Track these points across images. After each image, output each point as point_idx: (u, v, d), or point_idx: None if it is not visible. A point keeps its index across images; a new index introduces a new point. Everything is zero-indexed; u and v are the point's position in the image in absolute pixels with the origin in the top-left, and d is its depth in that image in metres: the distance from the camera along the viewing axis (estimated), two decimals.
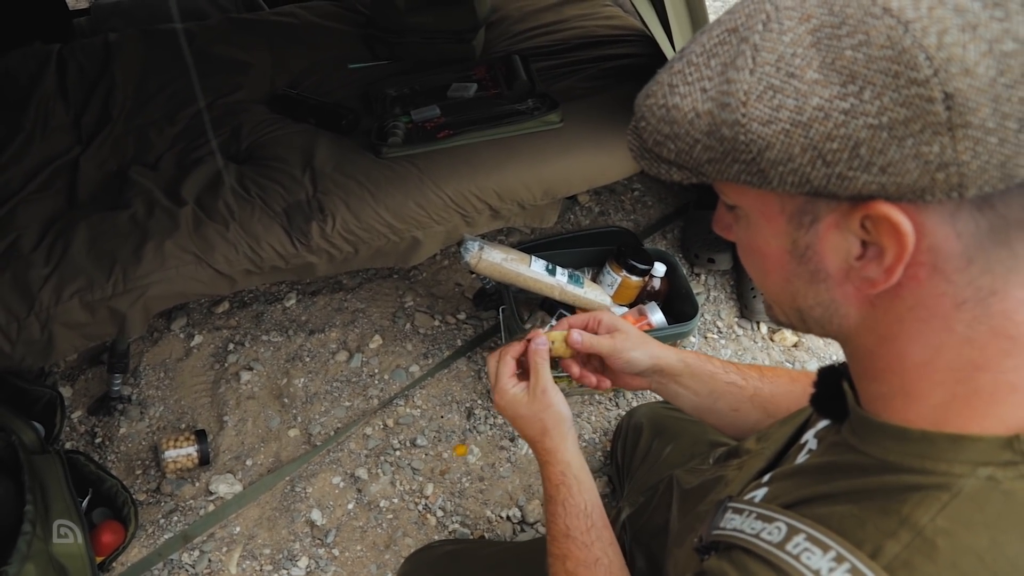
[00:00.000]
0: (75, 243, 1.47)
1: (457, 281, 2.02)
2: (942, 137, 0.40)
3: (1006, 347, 0.47)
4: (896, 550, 0.45)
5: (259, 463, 1.63)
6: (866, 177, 0.43)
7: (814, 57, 0.42)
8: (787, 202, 0.48)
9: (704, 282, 2.02)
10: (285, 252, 1.53)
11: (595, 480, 1.58)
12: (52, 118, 1.86)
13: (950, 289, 0.46)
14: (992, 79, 0.39)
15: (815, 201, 0.47)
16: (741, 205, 0.52)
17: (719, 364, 0.93)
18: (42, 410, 1.57)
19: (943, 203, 0.43)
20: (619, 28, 2.11)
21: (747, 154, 0.45)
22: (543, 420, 0.86)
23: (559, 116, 1.70)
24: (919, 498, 0.45)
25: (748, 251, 0.55)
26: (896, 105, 0.40)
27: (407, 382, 1.77)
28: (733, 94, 0.45)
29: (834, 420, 0.59)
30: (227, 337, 1.87)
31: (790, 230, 0.49)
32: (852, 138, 0.42)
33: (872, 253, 0.46)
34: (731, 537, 0.56)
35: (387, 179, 1.59)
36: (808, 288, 0.51)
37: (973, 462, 0.45)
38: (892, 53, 0.40)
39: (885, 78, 0.40)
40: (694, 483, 0.89)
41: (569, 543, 0.80)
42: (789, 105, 0.43)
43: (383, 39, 2.06)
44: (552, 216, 1.77)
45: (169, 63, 2.02)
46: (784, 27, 0.43)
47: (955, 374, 0.48)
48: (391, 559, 1.47)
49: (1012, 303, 0.46)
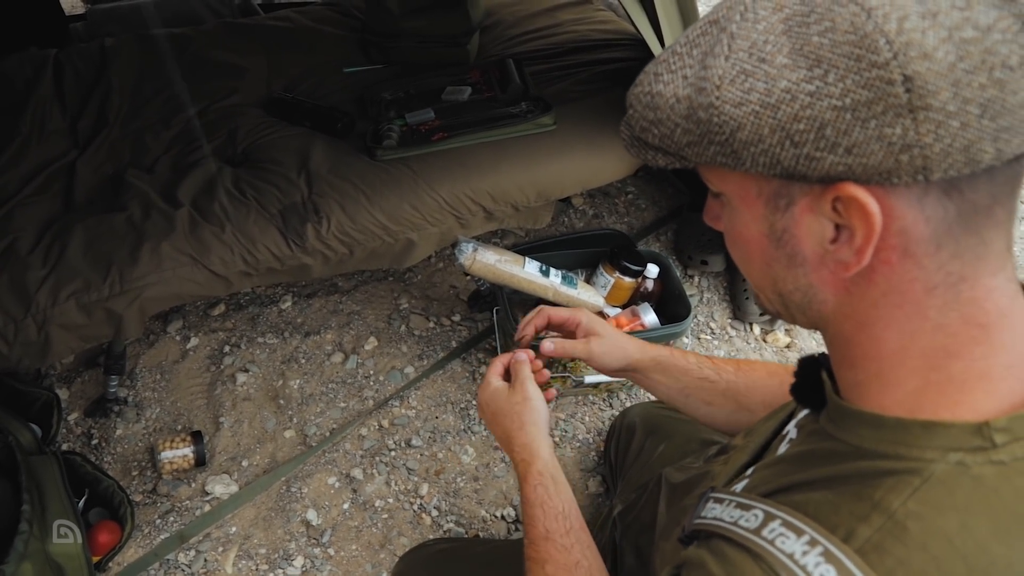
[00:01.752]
0: (72, 245, 1.48)
1: (452, 283, 2.03)
2: (904, 119, 0.42)
3: (976, 335, 0.48)
4: (868, 533, 0.46)
5: (255, 464, 1.64)
6: (833, 158, 0.44)
7: (784, 44, 0.45)
8: (763, 185, 0.50)
9: (697, 284, 2.03)
10: (281, 254, 1.54)
11: (589, 479, 1.60)
12: (49, 122, 1.87)
13: (921, 274, 0.47)
14: (951, 64, 0.41)
15: (789, 184, 0.49)
16: (723, 191, 0.54)
17: (693, 360, 0.96)
18: (39, 412, 1.58)
19: (910, 186, 0.44)
20: (612, 32, 2.13)
21: (720, 135, 0.48)
22: (520, 414, 0.87)
23: (553, 119, 1.72)
24: (891, 483, 0.47)
25: (732, 238, 0.57)
26: (858, 87, 0.42)
27: (402, 383, 1.78)
28: (709, 79, 0.47)
29: (813, 409, 0.60)
30: (223, 339, 1.88)
31: (767, 214, 0.51)
32: (818, 119, 0.44)
33: (845, 236, 0.48)
34: (710, 526, 0.57)
35: (382, 181, 1.61)
36: (787, 273, 0.53)
37: (943, 448, 0.47)
38: (855, 38, 0.42)
39: (848, 61, 0.42)
40: (682, 479, 0.90)
41: (549, 546, 0.79)
42: (759, 88, 0.45)
43: (378, 43, 2.07)
44: (545, 217, 1.79)
45: (165, 68, 2.03)
46: (759, 16, 0.46)
47: (928, 361, 0.49)
48: (386, 558, 1.48)
49: (981, 291, 0.48)
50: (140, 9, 2.51)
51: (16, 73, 2.00)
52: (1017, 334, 0.49)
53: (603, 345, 0.95)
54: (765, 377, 0.93)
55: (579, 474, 1.62)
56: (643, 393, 1.77)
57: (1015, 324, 0.49)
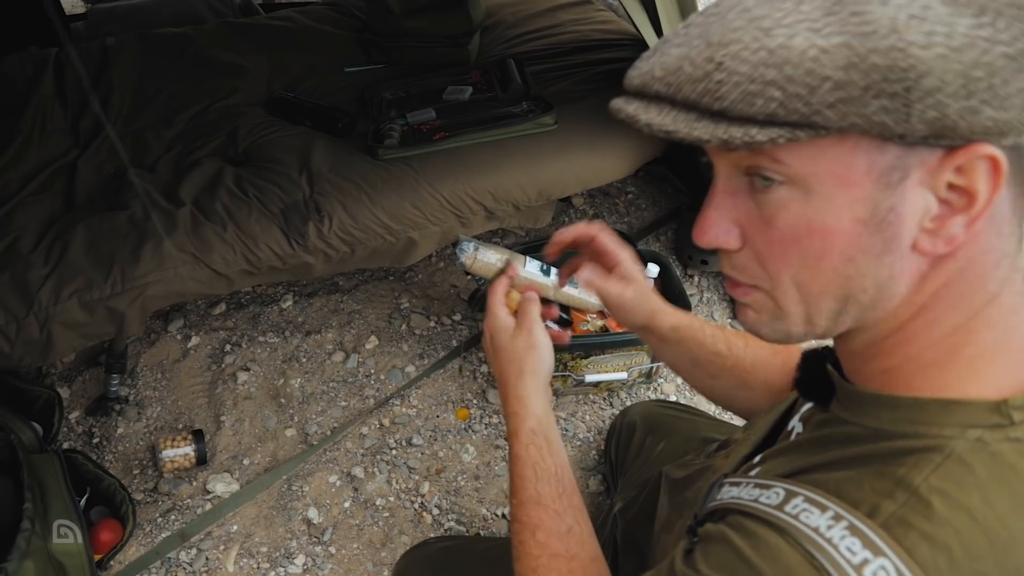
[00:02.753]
0: (73, 244, 1.48)
1: (452, 283, 2.03)
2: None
3: (1017, 303, 0.49)
4: (892, 508, 0.46)
5: (256, 462, 1.64)
6: (989, 111, 0.42)
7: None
8: (877, 160, 0.45)
9: (697, 283, 2.04)
10: (282, 252, 1.54)
11: (590, 478, 1.60)
12: (50, 121, 1.87)
13: (998, 243, 0.48)
14: None
15: (908, 154, 0.45)
16: (807, 175, 0.47)
17: (709, 333, 0.91)
18: (40, 410, 1.58)
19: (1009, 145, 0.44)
20: (613, 32, 2.14)
21: (901, 83, 0.42)
22: (522, 360, 0.81)
23: (553, 119, 1.72)
24: (914, 460, 0.47)
25: (798, 236, 0.49)
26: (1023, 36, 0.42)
27: (403, 382, 1.79)
28: (875, 23, 0.42)
29: (818, 403, 0.60)
30: (224, 338, 1.88)
31: (874, 192, 0.46)
32: (992, 66, 0.42)
33: (946, 212, 0.46)
34: (729, 504, 0.57)
35: (383, 180, 1.61)
36: (872, 264, 0.49)
37: (962, 424, 0.47)
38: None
39: (1014, 9, 0.42)
40: (683, 474, 0.91)
41: (540, 511, 0.74)
42: (940, 31, 0.42)
43: (379, 43, 2.08)
44: (546, 217, 1.79)
45: (166, 67, 2.03)
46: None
47: (968, 336, 0.50)
48: (387, 557, 1.48)
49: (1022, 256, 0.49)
50: (141, 9, 2.52)
51: (17, 73, 2.00)
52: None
53: (637, 296, 0.86)
54: (770, 355, 0.93)
55: (580, 473, 1.62)
56: (643, 392, 1.77)
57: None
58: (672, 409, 1.38)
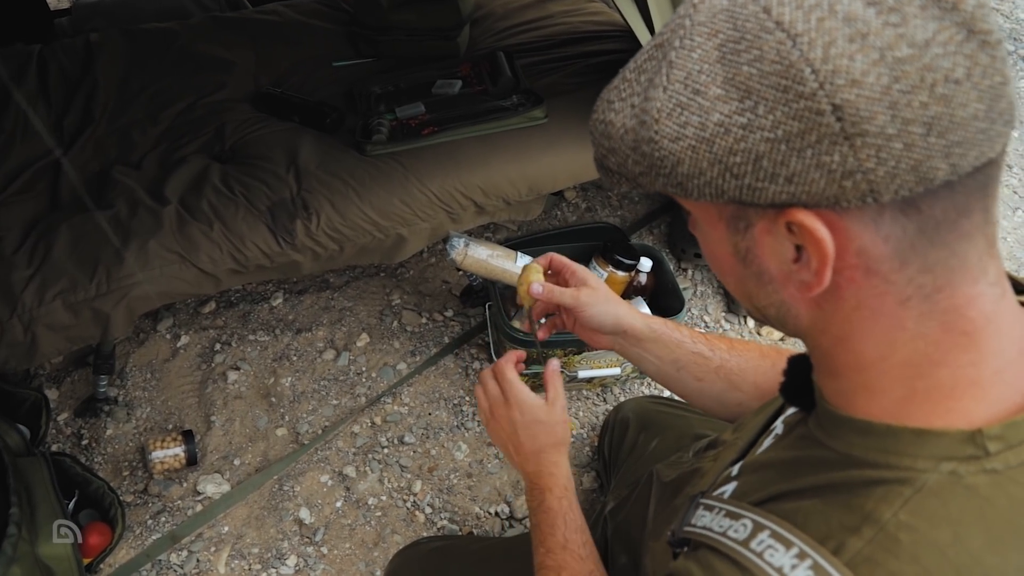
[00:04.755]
0: (57, 244, 1.46)
1: (444, 278, 2.02)
2: (840, 146, 0.41)
3: (961, 342, 0.47)
4: (859, 546, 0.45)
5: (247, 463, 1.62)
6: (774, 187, 0.43)
7: (719, 73, 0.43)
8: (722, 209, 0.49)
9: (691, 277, 2.02)
10: (270, 250, 1.52)
11: (584, 475, 1.59)
12: (33, 119, 1.84)
13: (891, 288, 0.46)
14: (885, 86, 0.39)
15: (744, 208, 0.47)
16: (691, 211, 0.53)
17: (687, 333, 0.92)
18: (27, 413, 1.57)
19: (862, 208, 0.43)
20: (604, 24, 2.12)
21: (664, 168, 0.47)
22: (560, 434, 0.88)
23: (544, 112, 1.71)
24: (882, 493, 0.46)
25: (706, 254, 0.56)
26: (788, 119, 0.41)
27: (394, 380, 1.77)
28: (649, 111, 0.46)
29: (802, 409, 0.59)
30: (214, 337, 1.86)
31: (729, 235, 0.50)
32: (752, 151, 0.43)
33: (805, 257, 0.46)
34: (700, 535, 0.56)
35: (372, 177, 1.59)
36: (758, 290, 0.52)
37: (936, 457, 0.46)
38: (781, 68, 0.41)
39: (775, 92, 0.41)
40: (672, 476, 0.90)
41: (567, 555, 0.80)
42: (694, 122, 0.44)
43: (367, 37, 2.05)
44: (537, 209, 1.78)
45: (151, 63, 2.01)
46: (695, 43, 0.44)
47: (913, 369, 0.48)
48: (380, 556, 1.47)
49: (961, 299, 0.46)
50: (126, 4, 2.48)
51: None
52: (1004, 338, 0.47)
53: (593, 297, 0.90)
54: (757, 358, 0.92)
55: (573, 470, 1.61)
56: (637, 388, 1.76)
57: (1001, 328, 0.47)
58: (665, 405, 1.37)
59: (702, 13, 0.45)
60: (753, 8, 0.42)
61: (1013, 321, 0.48)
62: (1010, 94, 0.42)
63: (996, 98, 0.41)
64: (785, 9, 0.41)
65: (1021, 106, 2.09)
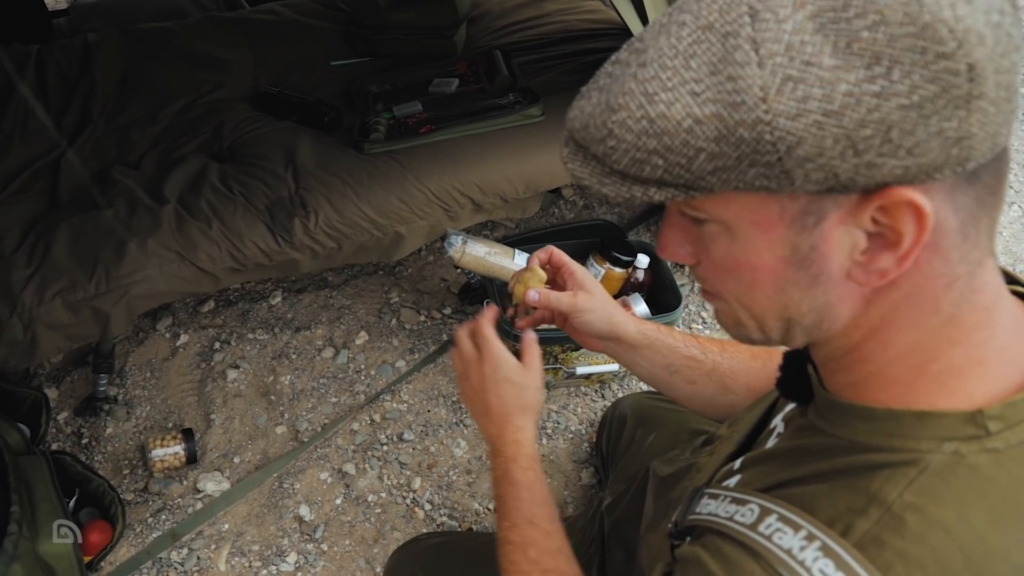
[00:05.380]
0: (57, 244, 1.47)
1: (442, 276, 2.02)
2: (960, 111, 0.40)
3: (981, 320, 0.48)
4: (866, 527, 0.46)
5: (247, 460, 1.63)
6: (893, 162, 0.41)
7: (823, 43, 0.40)
8: (788, 206, 0.45)
9: (688, 273, 2.03)
10: (268, 249, 1.53)
11: (582, 470, 1.60)
12: (32, 119, 1.85)
13: (946, 269, 0.46)
14: (993, 48, 0.39)
15: (820, 200, 0.44)
16: (725, 218, 0.48)
17: (679, 337, 0.92)
18: (27, 412, 1.57)
19: (946, 180, 0.43)
20: (600, 22, 2.12)
21: (772, 154, 0.42)
22: (529, 398, 0.85)
23: (540, 110, 1.71)
24: (887, 475, 0.46)
25: (729, 267, 0.51)
26: (926, 82, 0.39)
27: (393, 377, 1.78)
28: (745, 91, 0.41)
29: (800, 403, 0.59)
30: (213, 336, 1.87)
31: (790, 235, 0.46)
32: (885, 122, 0.40)
33: (876, 245, 0.45)
34: (706, 521, 0.56)
35: (369, 175, 1.60)
36: (804, 295, 0.49)
37: (939, 438, 0.46)
38: (914, 29, 0.38)
39: (913, 55, 0.39)
40: (668, 471, 0.90)
41: (533, 530, 0.77)
42: (816, 95, 0.40)
43: (364, 36, 2.06)
44: (534, 206, 1.78)
45: (149, 63, 2.01)
46: (780, 15, 0.41)
47: (930, 353, 0.49)
48: (380, 553, 1.48)
49: (987, 273, 0.48)
50: (124, 4, 2.49)
51: None
52: (1008, 314, 0.49)
53: (589, 302, 0.88)
54: (749, 359, 0.92)
55: (572, 465, 1.62)
56: (634, 384, 1.77)
57: (1004, 304, 0.49)
58: (663, 401, 1.37)
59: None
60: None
61: (1009, 298, 0.50)
62: None
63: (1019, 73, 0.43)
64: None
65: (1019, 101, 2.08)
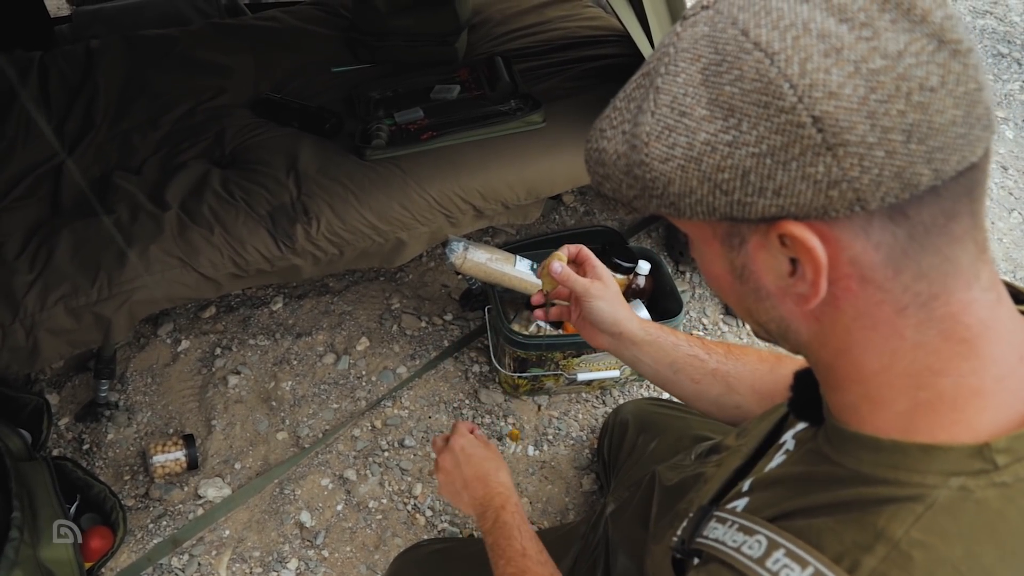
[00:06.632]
0: (59, 249, 1.47)
1: (443, 282, 2.03)
2: (824, 157, 0.42)
3: (961, 350, 0.47)
4: (873, 564, 0.45)
5: (248, 466, 1.63)
6: (763, 201, 0.45)
7: (703, 95, 0.45)
8: (716, 227, 0.50)
9: (689, 280, 2.03)
10: (270, 255, 1.53)
11: (583, 477, 1.60)
12: (34, 126, 1.85)
13: (887, 297, 0.47)
14: (863, 97, 0.41)
15: (737, 224, 0.49)
16: (687, 232, 0.55)
17: (683, 337, 0.95)
18: (28, 417, 1.57)
19: (851, 217, 0.44)
20: (601, 29, 2.13)
21: (656, 189, 0.49)
22: (498, 460, 1.02)
23: (542, 116, 1.72)
24: (893, 510, 0.46)
25: (704, 273, 0.57)
26: (771, 133, 0.43)
27: (394, 383, 1.78)
28: (639, 135, 0.48)
29: (812, 424, 0.59)
30: (214, 342, 1.87)
31: (725, 252, 0.51)
32: (739, 167, 0.44)
33: (800, 270, 0.47)
34: (713, 548, 0.56)
35: (371, 181, 1.60)
36: (758, 306, 0.53)
37: (945, 472, 0.46)
38: (760, 85, 0.43)
39: (757, 109, 0.43)
40: (675, 480, 0.90)
41: (527, 561, 0.86)
42: (681, 142, 0.46)
43: (365, 42, 2.06)
44: (535, 213, 1.78)
45: (151, 69, 2.02)
46: (679, 68, 0.47)
47: (914, 380, 0.48)
48: (380, 559, 1.48)
49: (957, 306, 0.47)
50: (126, 10, 2.49)
51: (0, 76, 1.98)
52: (1004, 344, 0.48)
53: (601, 291, 0.95)
54: (755, 362, 0.93)
55: (573, 472, 1.62)
56: (636, 390, 1.77)
57: (1000, 334, 0.48)
58: (664, 407, 1.37)
59: (685, 40, 0.47)
60: (732, 32, 0.44)
61: (1012, 327, 0.49)
62: (986, 99, 0.43)
63: (973, 104, 0.43)
64: (762, 30, 0.43)
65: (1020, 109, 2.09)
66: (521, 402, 1.74)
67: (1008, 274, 2.11)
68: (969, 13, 3.35)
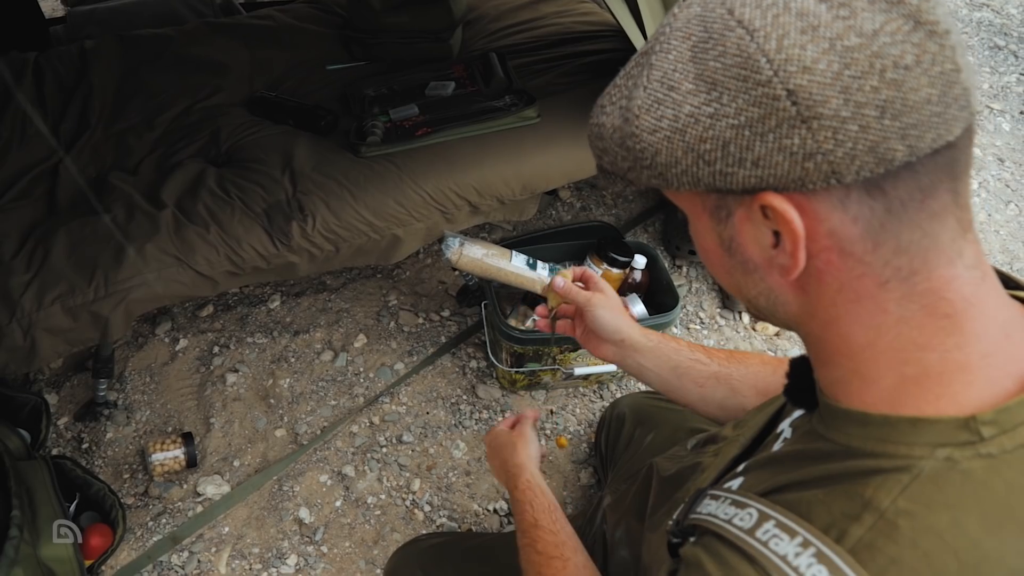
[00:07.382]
0: (55, 249, 1.47)
1: (440, 279, 2.03)
2: (799, 130, 0.44)
3: (944, 325, 0.48)
4: (860, 533, 0.46)
5: (246, 464, 1.63)
6: (743, 172, 0.47)
7: (691, 70, 0.48)
8: (704, 199, 0.52)
9: (686, 274, 2.04)
10: (266, 252, 1.53)
11: (581, 471, 1.60)
12: (30, 126, 1.86)
13: (868, 270, 0.48)
14: (836, 72, 0.43)
15: (723, 196, 0.51)
16: (680, 207, 0.56)
17: (684, 344, 0.98)
18: (27, 417, 1.58)
19: (828, 190, 0.46)
20: (595, 24, 2.13)
21: (645, 161, 0.51)
22: (516, 443, 1.07)
23: (536, 112, 1.72)
24: (880, 481, 0.47)
25: (698, 249, 0.59)
26: (749, 105, 0.45)
27: (392, 380, 1.78)
28: (631, 109, 0.51)
29: (807, 410, 0.60)
30: (212, 340, 1.87)
31: (713, 225, 0.53)
32: (720, 138, 0.47)
33: (782, 240, 0.49)
34: (705, 521, 0.57)
35: (366, 178, 1.60)
36: (746, 279, 0.54)
37: (931, 444, 0.47)
38: (741, 60, 0.45)
39: (736, 82, 0.45)
40: (672, 470, 0.91)
41: (538, 531, 0.90)
42: (668, 115, 0.49)
43: (360, 40, 2.06)
44: (531, 209, 1.79)
45: (146, 69, 2.02)
46: (671, 46, 0.49)
47: (900, 354, 0.49)
48: (380, 555, 1.48)
49: (938, 281, 0.48)
50: (120, 11, 2.49)
51: None
52: (989, 321, 0.49)
53: (603, 303, 0.99)
54: (759, 365, 0.94)
55: (570, 466, 1.63)
56: (633, 383, 1.78)
57: (985, 312, 0.49)
58: (661, 400, 1.38)
59: (679, 20, 0.50)
60: (720, 11, 0.47)
61: (998, 305, 0.50)
62: (964, 81, 0.44)
63: (949, 84, 0.44)
64: (746, 9, 0.45)
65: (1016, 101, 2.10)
66: (518, 397, 1.75)
67: (1005, 265, 2.11)
68: (966, 6, 3.35)
